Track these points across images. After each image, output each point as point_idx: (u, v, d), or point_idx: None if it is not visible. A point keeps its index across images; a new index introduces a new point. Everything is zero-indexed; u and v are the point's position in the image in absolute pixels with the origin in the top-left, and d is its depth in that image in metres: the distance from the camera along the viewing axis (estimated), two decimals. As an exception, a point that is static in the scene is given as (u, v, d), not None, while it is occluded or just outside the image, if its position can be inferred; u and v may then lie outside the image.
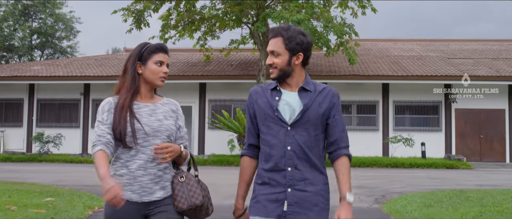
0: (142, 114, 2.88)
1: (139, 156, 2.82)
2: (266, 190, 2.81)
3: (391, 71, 20.74)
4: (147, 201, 2.82)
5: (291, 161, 2.77)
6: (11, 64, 26.19)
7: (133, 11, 19.19)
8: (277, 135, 2.80)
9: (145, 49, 2.91)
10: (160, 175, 2.86)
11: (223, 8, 19.94)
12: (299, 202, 2.75)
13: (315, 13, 18.62)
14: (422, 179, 13.51)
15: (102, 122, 2.84)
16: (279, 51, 2.80)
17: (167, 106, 2.99)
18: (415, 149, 19.47)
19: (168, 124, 2.91)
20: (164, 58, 2.93)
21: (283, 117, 2.79)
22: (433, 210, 7.65)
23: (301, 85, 2.84)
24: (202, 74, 21.35)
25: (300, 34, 2.84)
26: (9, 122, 22.73)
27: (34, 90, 22.75)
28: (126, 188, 2.78)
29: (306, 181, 2.77)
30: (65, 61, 25.73)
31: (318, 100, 2.82)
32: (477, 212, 7.26)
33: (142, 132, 2.81)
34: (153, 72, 2.89)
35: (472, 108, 20.85)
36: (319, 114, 2.80)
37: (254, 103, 2.92)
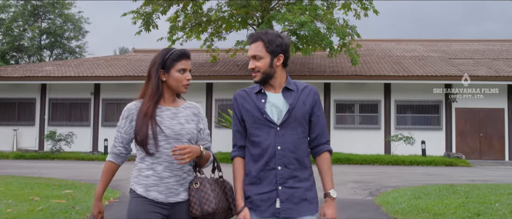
0: (164, 117, 2.97)
1: (163, 158, 2.92)
2: (257, 190, 2.93)
3: (393, 72, 21.38)
4: (173, 202, 2.93)
5: (281, 160, 2.91)
6: (24, 65, 26.98)
7: (142, 14, 19.96)
8: (267, 136, 2.93)
9: (168, 57, 2.98)
10: (185, 177, 2.97)
11: (229, 11, 20.64)
12: (290, 198, 2.90)
13: (318, 15, 19.26)
14: (418, 175, 14.17)
15: (119, 128, 3.03)
16: (261, 54, 2.94)
17: (189, 110, 3.08)
18: (416, 147, 20.14)
19: (190, 127, 3.00)
20: (186, 65, 3.01)
21: (272, 118, 2.93)
22: (420, 201, 8.36)
23: (285, 86, 2.99)
24: (209, 75, 22.08)
25: (279, 37, 2.98)
26: (22, 121, 23.55)
27: (46, 90, 23.55)
28: (152, 189, 2.91)
29: (295, 178, 2.92)
30: (75, 62, 26.53)
31: (301, 98, 2.98)
32: (460, 202, 7.96)
33: (163, 135, 2.91)
34: (176, 80, 2.98)
35: (472, 108, 21.46)
36: (304, 112, 2.96)
37: (241, 107, 3.04)
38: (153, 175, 2.92)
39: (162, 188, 2.90)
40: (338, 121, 22.01)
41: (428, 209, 7.66)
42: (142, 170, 2.96)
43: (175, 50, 3.02)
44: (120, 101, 22.58)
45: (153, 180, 2.91)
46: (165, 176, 2.91)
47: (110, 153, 3.06)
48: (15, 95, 23.61)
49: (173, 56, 2.98)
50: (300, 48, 20.15)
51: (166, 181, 2.91)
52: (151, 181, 2.91)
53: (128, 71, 22.98)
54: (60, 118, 23.36)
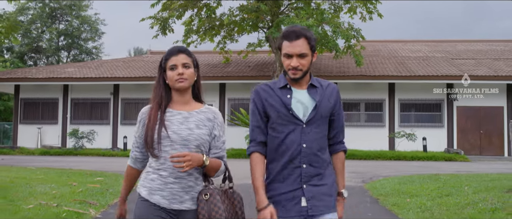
0: (173, 121, 2.90)
1: (168, 164, 2.83)
2: (281, 189, 2.86)
3: (396, 72, 22.73)
4: (176, 209, 2.85)
5: (307, 158, 2.84)
6: (47, 67, 28.69)
7: (159, 19, 21.52)
8: (292, 133, 2.85)
9: (163, 58, 2.99)
10: (191, 185, 2.87)
11: (241, 15, 22.12)
12: (316, 195, 2.84)
13: (324, 19, 20.64)
14: (413, 167, 15.52)
15: (135, 133, 3.03)
16: (307, 52, 2.85)
17: (204, 114, 2.97)
18: (417, 143, 21.49)
19: (199, 133, 2.89)
20: (176, 61, 2.91)
21: (298, 115, 2.85)
22: (404, 186, 9.80)
23: (310, 82, 2.92)
24: (222, 75, 23.57)
25: (312, 33, 2.93)
26: (45, 119, 25.23)
27: (68, 91, 25.21)
28: (156, 192, 2.85)
29: (319, 176, 2.87)
30: (95, 64, 28.20)
31: (326, 95, 2.92)
32: (436, 187, 9.40)
33: (168, 140, 2.84)
34: (170, 79, 2.92)
35: (473, 106, 22.74)
36: (329, 109, 2.91)
37: (264, 101, 2.94)
38: (158, 179, 2.87)
39: (166, 193, 2.85)
40: (344, 119, 23.38)
41: (408, 192, 9.10)
42: (148, 173, 2.93)
43: (170, 49, 3.00)
44: (138, 101, 24.16)
45: (158, 184, 2.87)
46: (169, 181, 2.85)
47: (129, 158, 3.08)
48: (39, 96, 25.31)
49: (165, 56, 2.97)
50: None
51: (170, 187, 2.85)
52: (155, 185, 2.87)
53: (145, 72, 24.57)
54: (82, 117, 25.00)
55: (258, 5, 20.88)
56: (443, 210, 7.41)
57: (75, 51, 52.48)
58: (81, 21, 50.46)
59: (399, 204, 8.12)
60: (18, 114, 25.45)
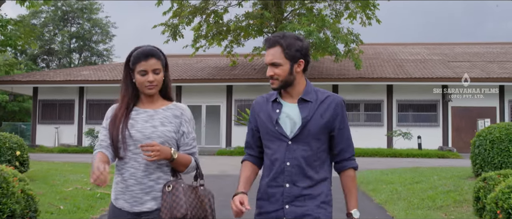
0: (138, 120, 2.87)
1: (131, 164, 2.81)
2: (265, 208, 2.80)
3: (394, 74, 24.31)
4: (137, 211, 2.81)
5: (290, 177, 2.73)
6: (64, 69, 30.48)
7: (170, 25, 23.25)
8: (278, 149, 2.77)
9: (129, 57, 2.89)
10: (151, 185, 2.82)
11: (246, 21, 23.81)
12: (298, 217, 2.71)
13: (325, 25, 22.26)
14: (403, 163, 17.03)
15: (105, 128, 2.93)
16: (280, 61, 2.74)
17: (170, 111, 2.94)
18: (413, 142, 23.07)
19: (163, 130, 2.86)
20: (146, 66, 2.82)
21: (284, 131, 2.76)
22: (384, 176, 11.46)
23: (301, 97, 2.80)
24: (229, 78, 25.24)
25: (297, 40, 2.78)
26: (62, 120, 27.03)
27: (83, 92, 26.99)
28: (120, 197, 2.84)
29: (305, 196, 2.73)
30: (109, 67, 30.00)
31: (319, 111, 2.76)
32: (411, 176, 11.05)
33: (131, 139, 2.81)
34: (139, 83, 2.85)
35: (467, 106, 24.27)
36: (320, 126, 2.75)
37: (257, 116, 2.90)
38: (120, 182, 2.85)
39: (128, 196, 2.83)
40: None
41: (386, 180, 10.76)
42: (115, 176, 2.91)
43: (137, 50, 2.89)
44: (149, 102, 25.87)
45: (120, 187, 2.85)
46: (130, 184, 2.82)
47: (99, 147, 2.88)
48: (56, 97, 27.11)
49: (134, 57, 2.86)
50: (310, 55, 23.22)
51: (131, 189, 2.82)
52: (119, 189, 2.86)
53: (157, 75, 26.28)
54: (96, 117, 26.73)
55: (262, 12, 22.57)
56: (410, 193, 9.08)
57: (86, 53, 54.30)
58: (92, 24, 52.27)
59: (376, 189, 9.80)
60: (36, 115, 27.24)
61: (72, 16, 51.96)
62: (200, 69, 27.22)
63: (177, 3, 22.99)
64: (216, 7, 24.13)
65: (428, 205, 8.04)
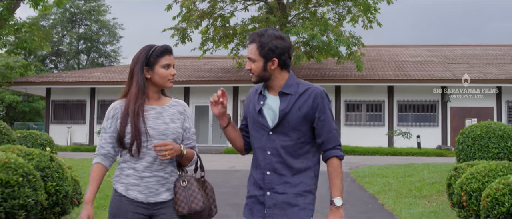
0: (149, 117, 2.97)
1: (146, 159, 2.94)
2: (252, 192, 3.03)
3: (395, 76, 25.39)
4: (153, 202, 2.95)
5: (270, 165, 2.93)
6: (76, 71, 31.68)
7: (179, 29, 24.42)
8: (261, 138, 2.98)
9: (151, 53, 2.98)
10: (166, 177, 2.99)
11: (252, 25, 24.93)
12: (278, 204, 2.90)
13: (327, 28, 23.33)
14: (402, 160, 18.13)
15: (105, 129, 3.06)
16: (254, 57, 2.92)
17: (175, 108, 3.08)
18: (413, 141, 24.16)
19: (175, 126, 3.01)
20: (170, 61, 3.00)
21: (267, 122, 2.95)
22: (379, 171, 12.57)
23: (280, 90, 2.96)
24: (235, 79, 26.37)
25: (275, 39, 2.91)
26: (74, 120, 28.22)
27: (95, 93, 28.18)
28: (132, 188, 2.95)
29: (286, 184, 2.90)
30: (119, 68, 31.21)
31: (297, 104, 2.91)
32: (403, 171, 12.15)
33: (146, 135, 2.92)
34: (161, 76, 2.98)
35: (465, 107, 25.32)
36: (299, 117, 2.90)
37: (247, 106, 3.13)
38: (133, 174, 2.94)
39: (142, 188, 2.93)
40: (347, 119, 26.12)
41: (381, 174, 11.88)
42: (123, 169, 2.99)
43: (157, 46, 3.02)
44: (159, 103, 27.04)
45: (133, 179, 2.94)
46: (145, 176, 2.93)
47: (97, 156, 3.03)
48: (69, 98, 28.31)
49: (156, 52, 2.98)
50: (313, 56, 24.36)
51: (146, 181, 2.93)
52: (131, 180, 2.94)
53: (166, 76, 27.45)
54: (107, 117, 27.91)
55: (267, 16, 23.70)
56: (400, 184, 10.21)
57: (94, 54, 55.48)
58: (100, 25, 53.45)
59: (370, 182, 10.92)
60: (49, 115, 28.44)
61: (80, 17, 53.10)
62: (207, 71, 28.36)
63: (185, 8, 24.14)
64: (223, 11, 25.30)
65: (414, 194, 9.17)
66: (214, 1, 24.76)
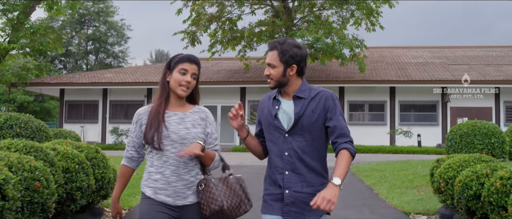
0: (171, 122, 3.18)
1: (170, 162, 3.13)
2: (271, 190, 3.24)
3: (396, 77, 26.54)
4: (180, 205, 3.15)
5: (289, 165, 3.15)
6: (89, 72, 32.90)
7: (189, 33, 25.66)
8: (277, 141, 3.20)
9: (173, 58, 3.24)
10: (192, 181, 3.18)
11: (259, 28, 26.14)
12: (296, 202, 3.13)
13: (331, 31, 24.50)
14: (400, 158, 19.31)
15: (130, 133, 3.31)
16: (275, 63, 3.15)
17: (197, 114, 3.28)
18: (414, 140, 25.34)
19: (196, 132, 3.20)
20: (189, 68, 3.17)
21: (282, 125, 3.18)
22: (378, 166, 13.74)
23: (294, 94, 3.20)
24: (243, 80, 27.57)
25: (294, 47, 3.17)
26: (87, 119, 29.50)
27: (107, 94, 29.45)
28: (161, 192, 3.13)
29: (303, 183, 3.14)
30: (130, 70, 32.48)
31: (310, 107, 3.15)
32: (400, 166, 13.33)
33: (169, 140, 3.13)
34: (175, 80, 3.17)
35: (465, 107, 26.46)
36: (312, 120, 3.14)
37: (261, 111, 3.35)
38: (161, 179, 3.13)
39: (170, 192, 3.13)
40: (350, 118, 27.29)
41: (378, 169, 13.06)
42: (151, 173, 3.17)
43: (183, 54, 3.25)
44: (169, 103, 28.27)
45: (161, 183, 3.13)
46: (172, 180, 3.13)
47: (124, 157, 3.31)
48: (82, 98, 29.60)
49: (177, 58, 3.21)
50: (317, 58, 25.54)
51: (173, 185, 3.13)
52: (159, 185, 3.13)
53: (175, 77, 28.68)
54: (119, 117, 29.20)
55: (273, 20, 24.90)
56: (395, 177, 11.41)
57: (102, 55, 56.76)
58: (108, 26, 54.72)
59: (368, 175, 12.12)
60: (63, 114, 29.72)
61: (88, 19, 54.39)
62: (215, 72, 29.58)
63: (195, 13, 25.37)
64: (231, 15, 26.54)
65: (406, 185, 10.37)
66: (222, 5, 25.98)
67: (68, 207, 6.09)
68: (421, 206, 8.58)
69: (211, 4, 25.71)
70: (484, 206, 6.03)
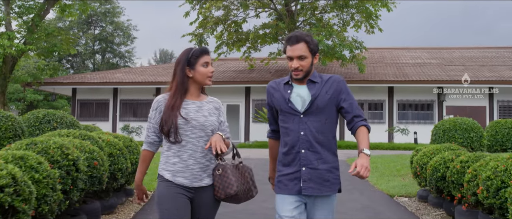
0: (190, 109, 3.45)
1: (188, 147, 3.41)
2: (285, 171, 3.46)
3: (395, 77, 28.01)
4: (196, 186, 3.42)
5: (304, 144, 3.39)
6: (100, 72, 34.44)
7: (197, 35, 27.21)
8: (292, 122, 3.42)
9: (191, 55, 3.47)
10: (207, 164, 3.46)
11: (263, 31, 27.66)
12: (313, 178, 3.38)
13: (332, 34, 25.95)
14: (395, 153, 20.76)
15: (150, 119, 3.55)
16: (306, 54, 3.38)
17: (212, 104, 3.57)
18: (410, 137, 26.81)
19: (212, 119, 3.49)
20: (208, 59, 3.49)
21: (296, 107, 3.42)
22: (372, 159, 15.21)
23: (309, 78, 3.47)
24: (247, 80, 29.07)
25: (313, 38, 3.47)
26: (98, 117, 31.06)
27: (117, 93, 31.01)
28: (179, 174, 3.40)
29: (319, 160, 3.39)
30: (139, 70, 34.05)
31: (324, 89, 3.43)
32: (391, 159, 14.83)
33: (189, 126, 3.40)
34: (201, 74, 3.47)
35: (460, 106, 27.94)
36: (326, 100, 3.41)
37: (272, 97, 3.56)
38: (179, 162, 3.40)
39: (188, 174, 3.39)
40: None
41: (372, 160, 14.55)
42: (169, 157, 3.43)
43: (196, 48, 3.52)
44: (176, 102, 29.77)
45: (179, 167, 3.39)
46: (190, 164, 3.40)
47: (144, 143, 3.56)
48: (93, 97, 31.18)
49: (196, 53, 3.48)
50: (319, 59, 27.04)
51: (191, 168, 3.40)
52: (177, 168, 3.40)
53: (183, 77, 30.19)
54: (128, 115, 30.75)
55: (277, 22, 26.44)
56: (385, 168, 12.94)
57: (109, 55, 58.18)
58: (114, 27, 56.10)
59: (362, 166, 13.61)
60: (75, 112, 31.27)
61: (95, 19, 55.78)
62: (221, 72, 31.09)
63: (202, 16, 26.92)
64: (236, 18, 28.07)
65: (394, 174, 11.90)
66: (228, 9, 27.53)
67: (111, 184, 7.61)
68: (404, 190, 10.09)
69: (217, 8, 27.25)
70: (449, 185, 7.55)
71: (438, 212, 8.20)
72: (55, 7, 28.64)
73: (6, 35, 25.27)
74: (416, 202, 9.18)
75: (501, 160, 6.12)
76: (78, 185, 5.74)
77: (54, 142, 5.70)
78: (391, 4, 26.37)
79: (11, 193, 4.11)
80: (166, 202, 3.32)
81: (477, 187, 6.37)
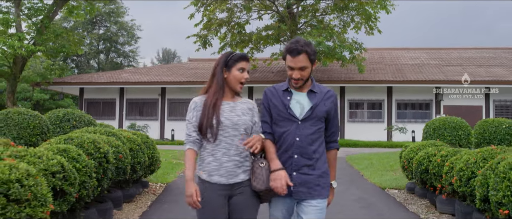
0: (225, 110, 3.57)
1: (222, 145, 3.52)
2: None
3: (393, 77, 28.96)
4: (233, 183, 3.51)
5: (298, 150, 3.52)
6: (107, 72, 35.44)
7: (201, 36, 28.23)
8: (289, 128, 3.55)
9: (230, 57, 3.62)
10: (242, 161, 3.54)
11: (266, 32, 28.65)
12: (303, 183, 3.53)
13: (332, 35, 26.92)
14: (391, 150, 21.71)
15: (189, 121, 3.62)
16: (307, 65, 3.52)
17: (245, 105, 3.68)
18: (408, 135, 27.80)
19: (245, 119, 3.59)
20: (245, 66, 3.64)
21: (295, 114, 3.56)
22: (368, 156, 16.22)
23: (310, 88, 3.63)
24: (250, 80, 29.83)
25: (312, 46, 3.57)
26: (105, 116, 32.04)
27: (123, 92, 32.01)
28: (214, 173, 3.51)
29: (310, 166, 3.54)
30: (145, 70, 35.08)
31: (323, 100, 3.61)
32: (386, 156, 15.82)
33: (223, 125, 3.51)
34: (235, 77, 3.60)
35: (457, 105, 28.89)
36: (323, 111, 3.59)
37: (270, 101, 3.67)
38: (213, 161, 3.51)
39: (223, 172, 3.50)
40: (350, 116, 29.79)
41: (368, 158, 15.57)
42: (204, 157, 3.56)
43: (236, 53, 3.66)
44: (181, 101, 30.81)
45: (213, 166, 3.51)
46: (224, 161, 3.50)
47: (187, 142, 3.58)
48: (100, 96, 32.21)
49: (235, 57, 3.63)
50: (319, 60, 28.02)
51: (225, 166, 3.50)
52: (212, 167, 3.51)
53: (188, 77, 31.25)
54: (135, 114, 31.76)
55: (279, 24, 27.44)
56: (379, 163, 13.95)
57: (113, 54, 59.18)
58: (119, 27, 57.09)
59: (358, 163, 14.64)
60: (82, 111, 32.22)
61: (100, 19, 56.79)
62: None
63: (206, 18, 27.94)
64: (240, 19, 29.07)
65: (387, 169, 12.91)
66: (231, 11, 28.54)
67: (131, 175, 8.62)
68: (395, 183, 11.11)
69: (221, 10, 28.24)
70: (431, 177, 8.56)
71: (423, 202, 9.20)
72: (63, 9, 29.60)
73: (16, 36, 26.23)
74: (404, 193, 10.19)
75: (472, 153, 7.14)
76: (107, 174, 6.76)
77: (88, 137, 6.72)
78: (390, 6, 27.29)
79: (61, 178, 5.15)
80: (203, 205, 3.43)
81: (452, 178, 7.36)
